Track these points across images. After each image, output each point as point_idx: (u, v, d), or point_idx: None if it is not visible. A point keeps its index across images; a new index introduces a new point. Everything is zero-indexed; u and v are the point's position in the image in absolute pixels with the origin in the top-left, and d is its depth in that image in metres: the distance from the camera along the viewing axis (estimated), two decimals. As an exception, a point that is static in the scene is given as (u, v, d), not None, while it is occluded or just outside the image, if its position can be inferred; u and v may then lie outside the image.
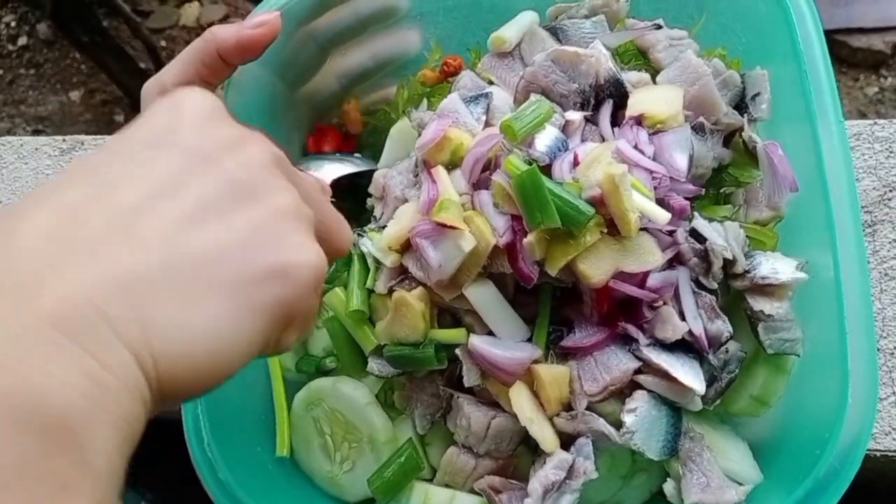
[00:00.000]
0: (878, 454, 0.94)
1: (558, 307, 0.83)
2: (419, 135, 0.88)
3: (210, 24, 2.90)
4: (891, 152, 1.06)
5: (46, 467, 0.38)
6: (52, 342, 0.40)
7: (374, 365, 0.86)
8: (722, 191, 0.89)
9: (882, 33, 2.52)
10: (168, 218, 0.46)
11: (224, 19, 2.94)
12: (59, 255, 0.42)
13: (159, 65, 2.61)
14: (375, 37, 1.02)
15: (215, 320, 0.46)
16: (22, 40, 3.05)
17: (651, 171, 0.79)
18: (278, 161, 0.53)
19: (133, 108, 2.85)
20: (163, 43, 2.94)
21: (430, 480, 0.88)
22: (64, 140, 1.39)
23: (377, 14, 0.99)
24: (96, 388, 0.40)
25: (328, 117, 1.08)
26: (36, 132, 2.84)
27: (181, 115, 0.51)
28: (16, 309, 0.40)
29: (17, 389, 0.38)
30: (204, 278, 0.46)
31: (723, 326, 0.79)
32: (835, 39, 2.49)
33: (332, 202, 0.61)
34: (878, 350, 0.94)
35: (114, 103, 2.91)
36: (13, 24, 3.08)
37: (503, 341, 0.80)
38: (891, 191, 1.04)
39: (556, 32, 0.93)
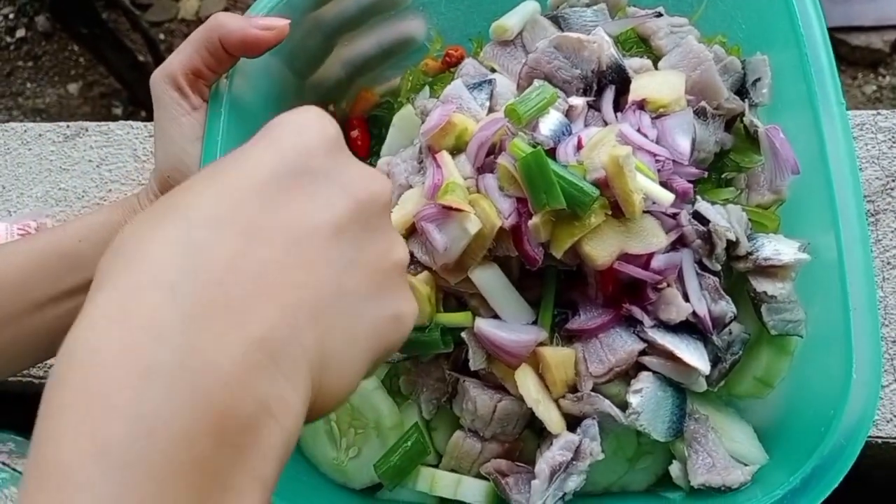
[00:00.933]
0: (879, 441, 0.95)
1: (563, 290, 0.83)
2: (423, 122, 0.89)
3: (209, 18, 2.90)
4: (894, 142, 1.07)
5: (228, 470, 0.39)
6: (256, 362, 0.41)
7: (380, 350, 0.86)
8: (724, 175, 0.90)
9: (881, 32, 2.52)
10: (333, 253, 0.47)
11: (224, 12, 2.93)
12: (257, 279, 0.42)
13: (158, 58, 2.61)
14: (380, 25, 1.02)
15: (363, 356, 0.49)
16: (20, 32, 3.05)
17: (654, 154, 0.79)
18: (388, 206, 0.54)
19: (132, 101, 2.85)
20: (161, 36, 2.94)
21: (437, 465, 0.89)
22: (68, 126, 1.39)
23: (381, 3, 0.99)
24: (284, 407, 0.42)
25: (333, 105, 1.08)
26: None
27: (311, 140, 0.49)
28: (228, 329, 0.40)
29: (223, 401, 0.39)
30: (358, 317, 0.48)
31: (726, 307, 0.79)
32: (833, 37, 2.48)
33: None
34: (882, 338, 0.95)
35: (112, 96, 2.91)
36: (11, 16, 3.08)
37: (509, 324, 0.81)
38: (893, 180, 1.05)
39: (557, 21, 0.94)
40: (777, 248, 0.80)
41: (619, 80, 0.86)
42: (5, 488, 0.96)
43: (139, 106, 2.83)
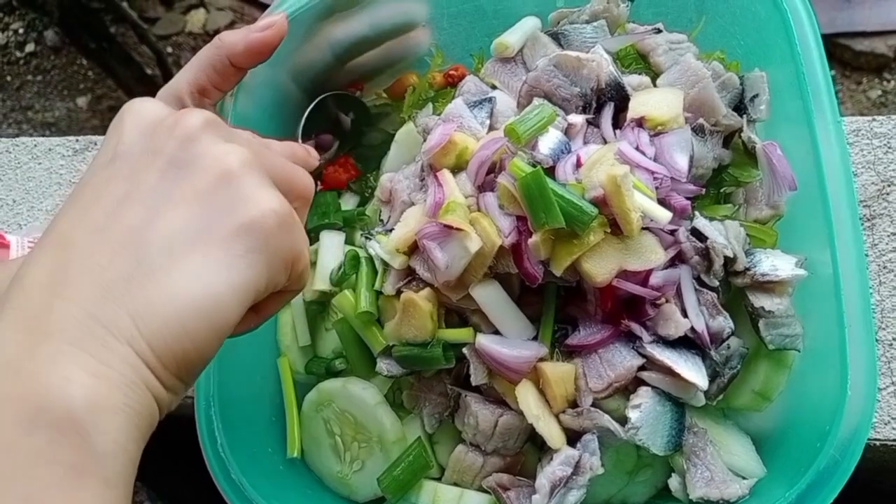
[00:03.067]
0: (878, 444, 0.95)
1: (563, 306, 0.84)
2: (424, 140, 0.90)
3: (216, 31, 2.92)
4: (889, 148, 1.07)
5: (55, 455, 0.44)
6: (57, 350, 0.46)
7: (382, 365, 0.87)
8: (722, 190, 0.91)
9: (884, 37, 2.53)
10: (132, 220, 0.52)
11: (230, 26, 2.96)
12: (58, 281, 0.49)
13: (165, 71, 2.63)
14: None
15: (191, 283, 0.51)
16: (29, 47, 3.07)
17: (652, 172, 0.80)
18: (213, 125, 0.58)
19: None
20: (169, 49, 2.96)
21: (439, 479, 0.90)
22: (77, 140, 1.41)
23: (397, 28, 1.01)
24: (97, 381, 0.46)
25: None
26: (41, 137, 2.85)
27: (122, 129, 0.57)
28: (28, 332, 0.47)
29: (28, 393, 0.45)
30: (174, 256, 0.51)
31: (724, 323, 0.80)
32: (837, 43, 2.50)
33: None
34: (877, 341, 0.95)
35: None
36: (21, 30, 3.10)
37: (510, 340, 0.82)
38: (889, 185, 1.06)
39: (557, 37, 0.95)
40: (774, 263, 0.81)
41: (618, 97, 0.87)
42: None
43: (147, 118, 2.84)
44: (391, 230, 0.87)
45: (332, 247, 0.96)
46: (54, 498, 0.43)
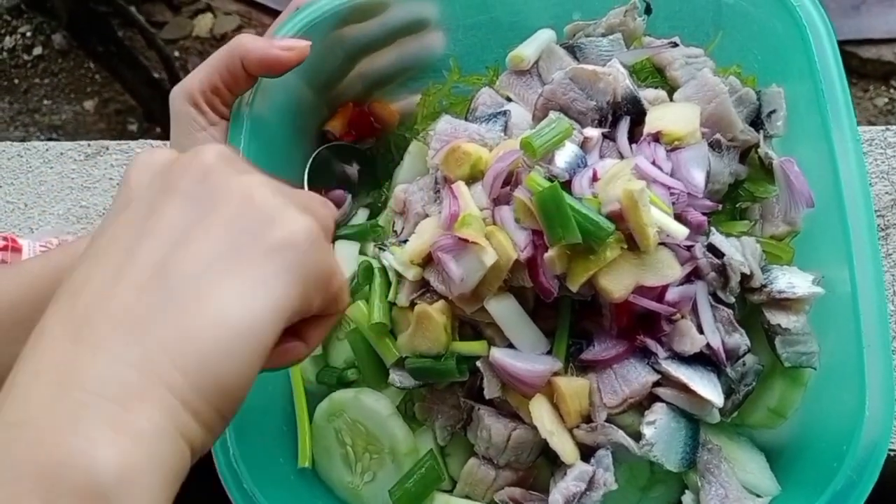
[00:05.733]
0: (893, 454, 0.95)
1: (577, 320, 0.84)
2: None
3: (223, 35, 2.93)
4: (903, 157, 1.08)
5: None
6: (81, 404, 0.43)
7: (395, 377, 0.87)
8: (738, 206, 0.90)
9: (891, 44, 2.52)
10: (155, 256, 0.50)
11: (237, 30, 2.96)
12: (80, 326, 0.47)
13: (172, 75, 2.63)
14: (402, 41, 1.03)
15: (225, 306, 0.49)
16: (37, 50, 3.08)
17: (669, 187, 0.80)
18: (228, 158, 0.57)
19: (147, 118, 2.87)
20: (176, 53, 2.96)
21: (451, 491, 0.89)
22: (89, 145, 1.41)
23: (407, 26, 1.00)
24: (126, 440, 0.43)
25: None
26: (50, 141, 2.86)
27: (133, 176, 0.56)
28: (49, 385, 0.44)
29: (48, 458, 0.41)
30: (205, 283, 0.50)
31: (740, 340, 0.80)
32: (844, 50, 2.48)
33: None
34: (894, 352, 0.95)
35: (127, 112, 2.93)
36: (29, 34, 3.10)
37: (524, 354, 0.81)
38: (902, 195, 1.06)
39: (573, 50, 0.94)
40: (791, 280, 0.81)
41: (635, 111, 0.87)
42: None
43: (154, 122, 2.85)
44: (405, 241, 0.87)
45: (346, 257, 0.95)
46: None
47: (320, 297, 0.57)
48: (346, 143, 1.05)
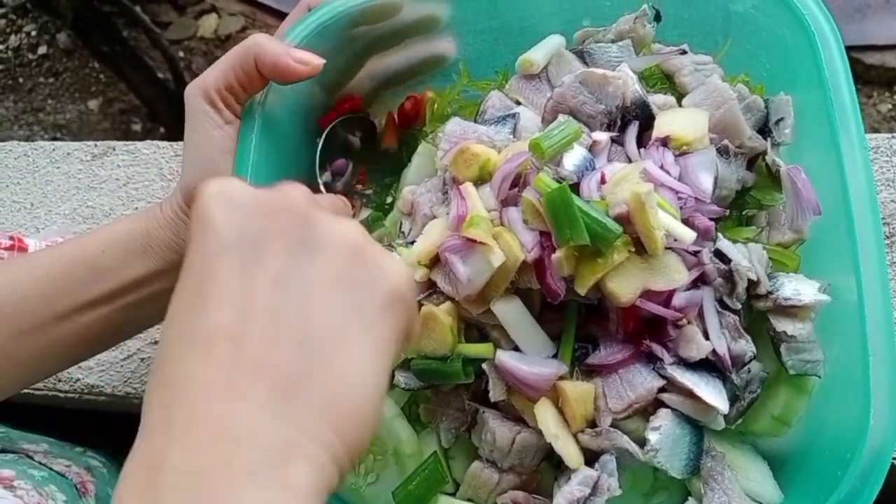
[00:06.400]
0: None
1: (583, 324, 0.84)
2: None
3: (228, 36, 2.93)
4: (910, 164, 1.08)
5: None
6: (245, 458, 0.44)
7: (400, 378, 0.87)
8: (745, 213, 0.90)
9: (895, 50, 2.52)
10: (284, 309, 0.50)
11: (242, 31, 2.96)
12: (231, 379, 0.47)
13: (177, 75, 2.63)
14: (412, 43, 1.03)
15: (361, 366, 0.50)
16: (42, 49, 3.08)
17: (676, 192, 0.80)
18: (314, 199, 0.57)
19: (151, 118, 2.87)
20: (181, 54, 2.96)
21: (454, 494, 0.89)
22: (95, 145, 1.42)
23: (416, 25, 1.00)
24: (289, 493, 0.45)
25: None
26: (54, 140, 2.86)
27: (218, 214, 0.53)
28: (209, 440, 0.44)
29: None
30: (336, 341, 0.50)
31: (746, 346, 0.80)
32: (848, 56, 2.49)
33: None
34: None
35: (131, 112, 2.93)
36: (34, 33, 3.11)
37: (529, 357, 0.81)
38: (909, 202, 1.06)
39: (582, 56, 0.94)
40: (797, 288, 0.81)
41: (643, 116, 0.87)
42: (45, 486, 0.97)
43: (158, 122, 2.85)
44: (412, 242, 0.87)
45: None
46: None
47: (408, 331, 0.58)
48: (354, 115, 1.06)
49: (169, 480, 0.43)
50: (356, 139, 1.07)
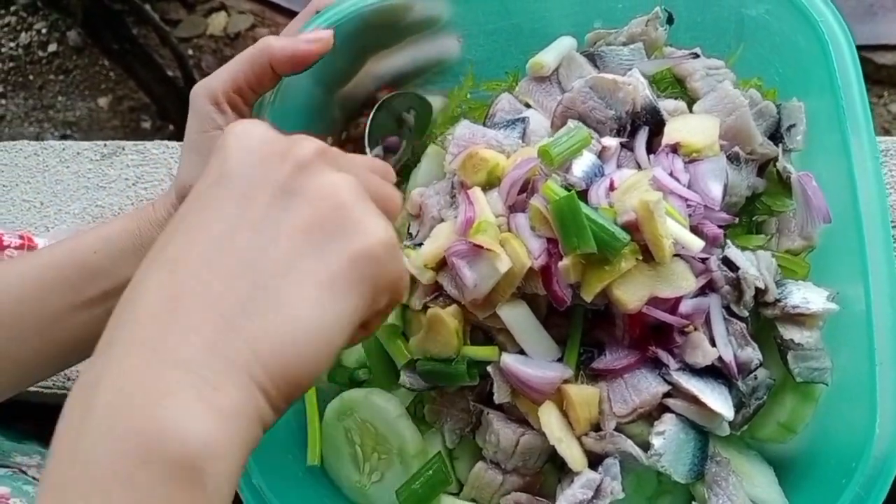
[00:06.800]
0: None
1: (589, 329, 0.84)
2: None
3: (237, 34, 2.94)
4: (918, 168, 1.08)
5: (168, 495, 0.44)
6: (176, 381, 0.46)
7: (406, 378, 0.87)
8: (755, 219, 0.90)
9: (907, 50, 2.50)
10: (244, 246, 0.52)
11: (251, 29, 2.96)
12: (174, 308, 0.49)
13: (186, 73, 2.64)
14: (414, 42, 1.03)
15: (306, 311, 0.51)
16: (52, 47, 3.09)
17: (685, 199, 0.80)
18: (323, 153, 0.58)
19: (160, 116, 2.88)
20: (190, 51, 2.97)
21: (457, 494, 0.89)
22: (105, 145, 1.42)
23: (417, 23, 1.00)
24: (215, 416, 0.46)
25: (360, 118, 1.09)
26: (64, 137, 2.87)
27: (227, 150, 0.56)
28: (145, 361, 0.47)
29: (146, 427, 0.44)
30: (288, 283, 0.52)
31: (752, 354, 0.80)
32: (859, 56, 2.48)
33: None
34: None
35: (141, 110, 2.94)
36: (44, 30, 3.11)
37: (534, 360, 0.82)
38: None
39: (593, 58, 0.94)
40: (806, 296, 0.80)
41: (654, 121, 0.87)
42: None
43: (167, 120, 2.86)
44: (420, 245, 0.87)
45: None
46: None
47: (388, 298, 0.59)
48: (408, 91, 1.05)
49: (101, 400, 0.45)
50: (410, 117, 1.06)
